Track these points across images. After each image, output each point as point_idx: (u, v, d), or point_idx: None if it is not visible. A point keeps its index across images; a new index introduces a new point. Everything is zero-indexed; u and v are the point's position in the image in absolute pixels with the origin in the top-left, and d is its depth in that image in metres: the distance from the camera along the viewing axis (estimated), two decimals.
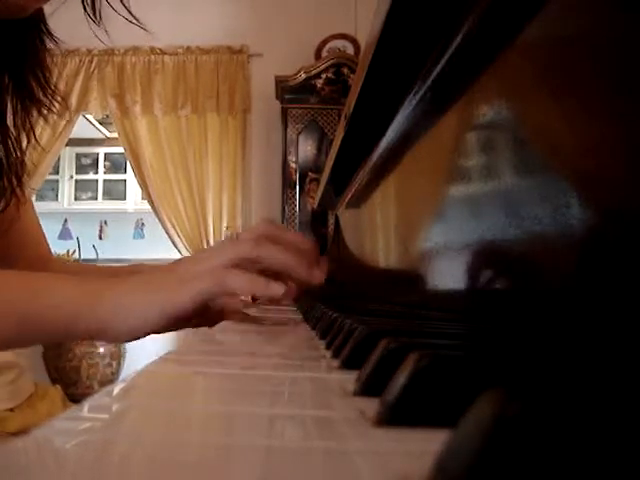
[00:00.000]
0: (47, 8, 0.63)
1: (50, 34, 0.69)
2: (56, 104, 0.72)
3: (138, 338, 0.50)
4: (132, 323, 0.48)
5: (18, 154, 0.69)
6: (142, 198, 3.44)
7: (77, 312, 0.47)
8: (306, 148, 2.80)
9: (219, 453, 0.17)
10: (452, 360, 0.21)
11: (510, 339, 0.36)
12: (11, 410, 0.83)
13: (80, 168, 3.87)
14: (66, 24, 0.68)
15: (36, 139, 0.72)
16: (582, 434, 0.12)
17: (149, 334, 0.50)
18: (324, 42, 2.98)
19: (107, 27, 0.67)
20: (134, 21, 0.68)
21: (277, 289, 0.50)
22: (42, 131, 2.96)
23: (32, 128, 0.70)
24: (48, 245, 0.84)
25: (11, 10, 0.58)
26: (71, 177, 3.84)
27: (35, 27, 0.67)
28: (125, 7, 0.66)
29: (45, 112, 0.70)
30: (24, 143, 0.70)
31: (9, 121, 0.68)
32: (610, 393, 0.14)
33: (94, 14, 0.65)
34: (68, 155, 3.81)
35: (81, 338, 0.50)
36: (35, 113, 0.70)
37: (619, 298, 0.27)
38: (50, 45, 0.70)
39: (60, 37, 0.69)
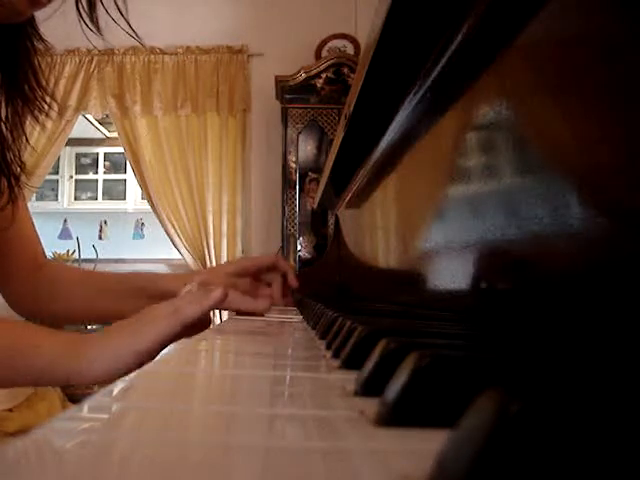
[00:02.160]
0: (42, 12, 0.63)
1: (40, 37, 0.70)
2: (50, 105, 0.72)
3: (112, 381, 0.53)
4: (107, 368, 0.52)
5: (15, 155, 0.69)
6: (142, 198, 3.44)
7: (58, 358, 0.51)
8: (306, 148, 2.80)
9: (219, 453, 0.17)
10: (452, 360, 0.21)
11: (510, 339, 0.36)
12: (10, 410, 0.83)
13: (80, 168, 3.87)
14: (66, 24, 0.68)
15: (27, 140, 0.72)
16: (582, 433, 0.12)
17: (123, 375, 0.53)
18: (324, 42, 2.98)
19: (107, 27, 0.67)
20: (131, 31, 0.68)
21: (214, 296, 0.60)
22: (41, 131, 2.96)
23: (24, 129, 0.70)
24: (43, 249, 0.84)
25: (8, 14, 0.59)
26: (71, 177, 3.84)
27: (26, 30, 0.68)
28: (121, 14, 0.66)
29: (37, 114, 0.71)
30: (18, 144, 0.70)
31: (2, 123, 0.68)
32: (610, 392, 0.14)
33: (90, 19, 0.65)
34: (68, 155, 3.80)
35: (58, 383, 0.54)
36: (28, 115, 0.70)
37: (619, 298, 0.27)
38: (40, 47, 0.70)
39: (59, 37, 0.69)
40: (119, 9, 0.66)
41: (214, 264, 2.93)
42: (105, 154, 3.86)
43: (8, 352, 0.51)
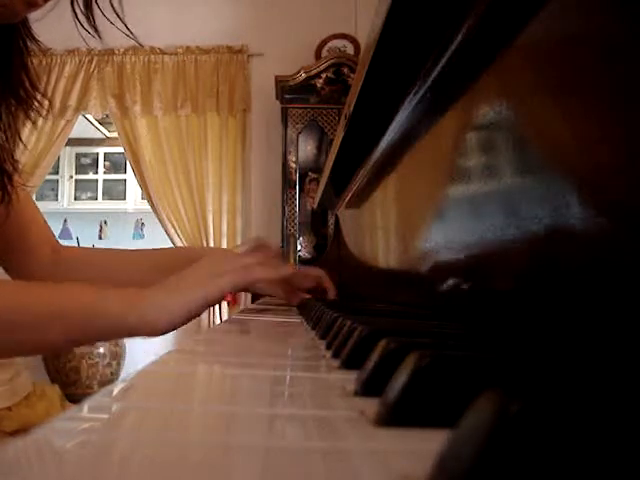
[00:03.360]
0: (37, 12, 0.63)
1: (34, 37, 0.70)
2: (42, 105, 0.73)
3: (178, 327, 0.55)
4: (175, 318, 0.54)
5: (8, 154, 0.69)
6: (142, 198, 3.43)
7: (125, 312, 0.52)
8: (306, 148, 2.80)
9: (219, 453, 0.17)
10: (452, 360, 0.21)
11: (510, 339, 0.36)
12: (9, 409, 0.83)
13: (80, 168, 3.87)
14: (65, 24, 0.68)
15: (21, 140, 0.73)
16: (582, 433, 0.12)
17: (187, 322, 0.56)
18: (324, 42, 2.98)
19: (106, 27, 0.67)
20: (128, 32, 0.68)
21: (288, 270, 0.68)
22: (41, 131, 2.96)
23: (17, 129, 0.70)
24: (56, 239, 0.85)
25: (4, 15, 0.59)
26: (71, 177, 3.84)
27: (19, 30, 0.68)
28: (117, 16, 0.67)
29: (31, 114, 0.71)
30: (12, 143, 0.70)
31: None
32: (609, 392, 0.14)
33: (87, 20, 0.65)
34: (68, 155, 3.80)
35: (125, 336, 0.55)
36: (21, 115, 0.70)
37: (618, 298, 0.27)
38: (34, 47, 0.70)
39: (59, 37, 0.69)
40: (115, 11, 0.66)
41: None
42: (105, 154, 3.86)
43: (80, 316, 0.52)
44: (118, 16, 0.67)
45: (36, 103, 0.71)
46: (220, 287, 0.57)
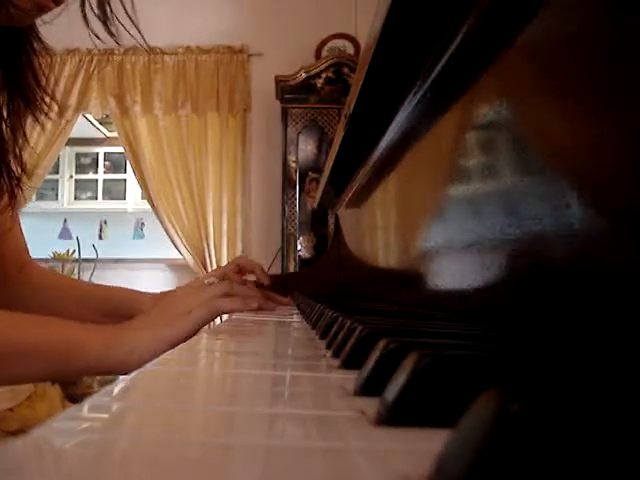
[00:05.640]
0: (46, 15, 0.63)
1: (40, 38, 0.70)
2: (49, 106, 0.72)
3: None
4: (145, 357, 0.55)
5: (15, 156, 0.69)
6: (142, 198, 3.43)
7: (104, 352, 0.55)
8: (306, 148, 2.80)
9: (219, 453, 0.17)
10: (452, 360, 0.21)
11: (510, 339, 0.36)
12: (10, 410, 0.83)
13: (80, 168, 3.86)
14: (66, 24, 0.68)
15: (27, 141, 0.73)
16: (582, 433, 0.12)
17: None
18: (324, 42, 2.98)
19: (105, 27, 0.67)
20: (139, 37, 0.68)
21: (254, 304, 0.69)
22: (42, 131, 2.95)
23: (24, 130, 0.70)
24: (27, 247, 0.84)
25: (15, 18, 0.59)
26: (71, 177, 3.84)
27: (26, 32, 0.68)
28: (132, 21, 0.66)
29: (38, 115, 0.71)
30: (19, 145, 0.70)
31: (3, 124, 0.68)
32: (609, 392, 0.14)
33: (104, 23, 0.65)
34: (68, 155, 3.80)
35: (102, 374, 0.59)
36: (28, 116, 0.70)
37: (618, 298, 0.27)
38: (40, 49, 0.70)
39: (59, 37, 0.69)
40: (129, 16, 0.66)
41: (214, 263, 2.93)
42: (105, 154, 3.86)
43: (62, 353, 0.54)
44: (132, 20, 0.67)
45: (43, 104, 0.71)
46: (188, 325, 0.59)
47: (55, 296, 0.82)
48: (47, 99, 0.72)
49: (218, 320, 0.77)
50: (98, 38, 0.66)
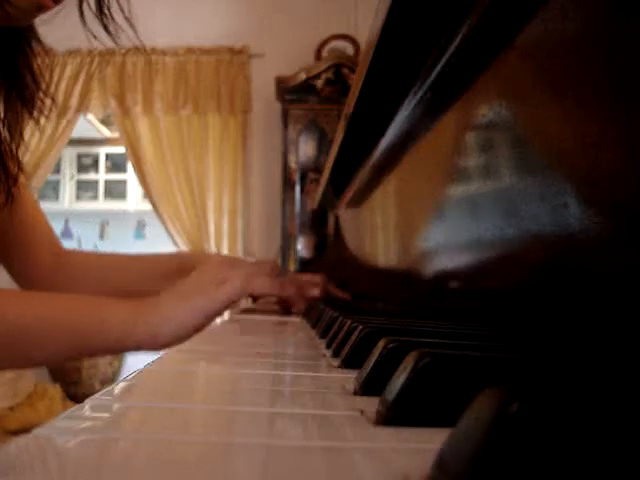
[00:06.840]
0: (44, 14, 0.63)
1: (39, 39, 0.70)
2: (48, 106, 0.73)
3: (184, 341, 0.54)
4: (180, 331, 0.53)
5: (13, 155, 0.69)
6: (143, 198, 3.43)
7: (129, 326, 0.52)
8: (306, 148, 2.80)
9: (220, 452, 0.18)
10: (452, 359, 0.21)
11: (509, 338, 0.36)
12: (11, 409, 0.83)
13: (81, 168, 3.86)
14: (67, 25, 0.68)
15: (23, 139, 0.73)
16: (581, 432, 0.12)
17: (193, 335, 0.55)
18: (324, 42, 2.98)
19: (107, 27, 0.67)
20: (135, 38, 0.68)
21: (291, 290, 0.68)
22: (43, 131, 2.95)
23: (22, 130, 0.70)
24: (58, 238, 0.84)
25: (14, 18, 0.59)
26: (72, 177, 3.84)
27: (25, 32, 0.68)
28: (128, 21, 0.66)
29: (36, 115, 0.71)
30: (16, 144, 0.70)
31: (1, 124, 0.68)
32: (608, 392, 0.14)
33: (101, 22, 0.65)
34: (69, 155, 3.80)
35: (129, 350, 0.54)
36: (26, 116, 0.70)
37: (618, 298, 0.27)
38: (39, 49, 0.70)
39: (61, 38, 0.69)
40: (126, 17, 0.66)
41: None
42: (106, 154, 3.86)
43: (77, 332, 0.51)
44: (128, 21, 0.67)
45: (41, 104, 0.71)
46: (224, 296, 0.56)
47: (102, 277, 0.81)
48: (45, 99, 0.72)
49: (218, 320, 0.77)
50: (95, 38, 0.66)
